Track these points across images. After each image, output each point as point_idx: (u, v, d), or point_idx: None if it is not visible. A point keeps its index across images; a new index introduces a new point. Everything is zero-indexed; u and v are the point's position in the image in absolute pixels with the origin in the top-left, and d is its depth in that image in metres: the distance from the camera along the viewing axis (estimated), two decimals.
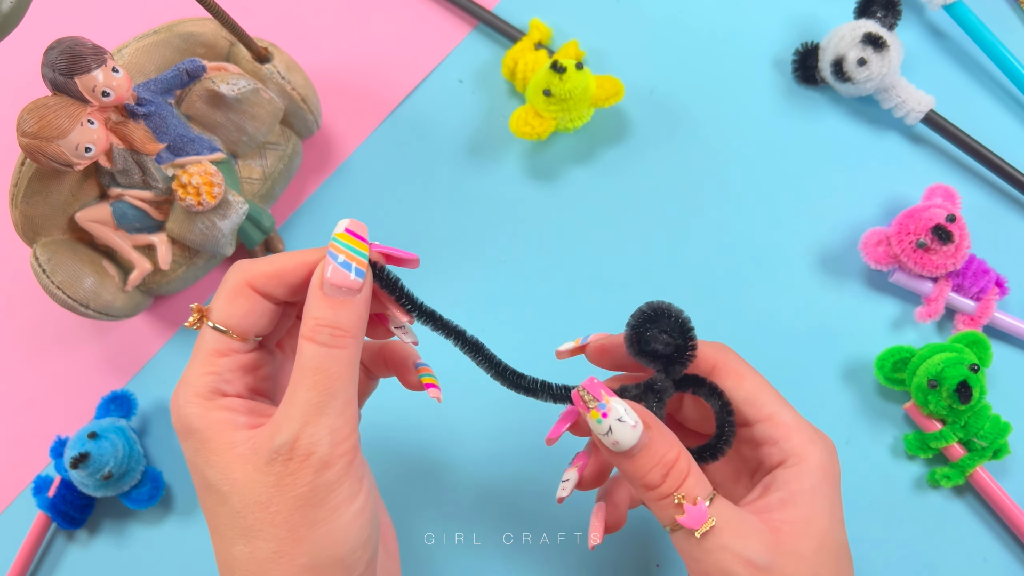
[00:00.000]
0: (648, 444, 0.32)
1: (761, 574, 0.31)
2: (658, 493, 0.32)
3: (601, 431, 0.32)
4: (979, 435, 0.46)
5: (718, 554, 0.32)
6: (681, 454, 0.33)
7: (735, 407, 0.35)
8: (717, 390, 0.35)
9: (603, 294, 0.51)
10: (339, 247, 0.32)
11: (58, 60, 0.40)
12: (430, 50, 0.55)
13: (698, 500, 0.32)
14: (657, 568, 0.47)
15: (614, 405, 0.32)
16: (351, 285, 0.32)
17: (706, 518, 0.32)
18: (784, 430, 0.34)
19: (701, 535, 0.32)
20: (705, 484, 0.33)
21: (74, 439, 0.47)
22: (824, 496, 0.33)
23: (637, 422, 0.32)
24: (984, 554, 0.46)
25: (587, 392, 0.33)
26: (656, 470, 0.32)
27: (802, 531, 0.32)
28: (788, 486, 0.33)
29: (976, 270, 0.48)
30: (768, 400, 0.35)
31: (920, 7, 0.54)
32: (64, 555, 0.49)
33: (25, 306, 0.52)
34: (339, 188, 0.53)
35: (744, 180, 0.52)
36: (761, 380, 0.35)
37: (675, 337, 0.35)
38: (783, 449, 0.34)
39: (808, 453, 0.34)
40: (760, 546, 0.32)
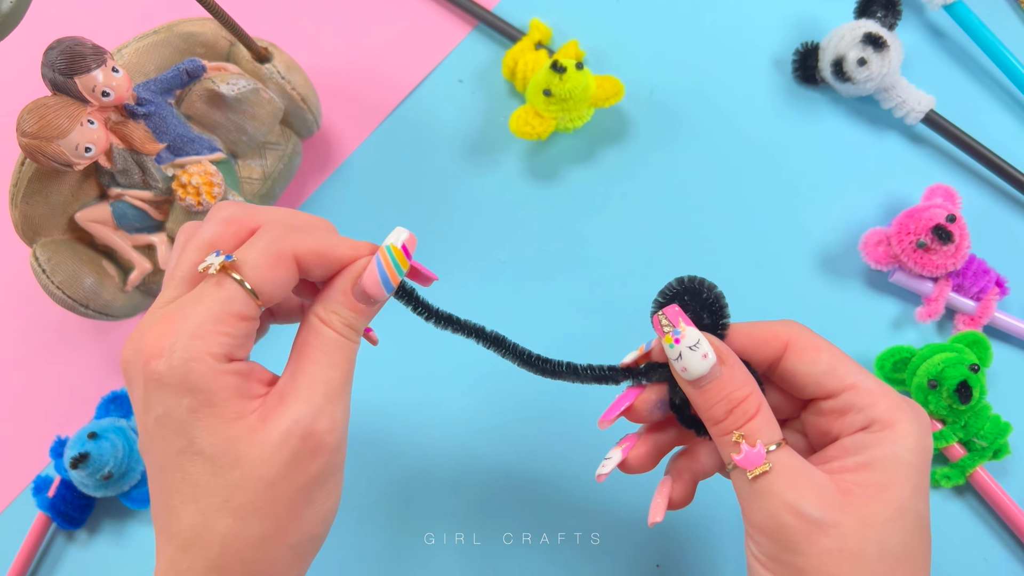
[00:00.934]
0: (719, 378, 0.32)
1: (814, 528, 0.30)
2: (720, 428, 0.32)
3: (672, 356, 0.33)
4: (979, 435, 0.46)
5: (769, 500, 0.31)
6: (752, 395, 0.32)
7: (815, 380, 0.33)
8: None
9: (603, 294, 0.51)
10: (388, 260, 0.32)
11: (58, 60, 0.40)
12: (430, 50, 0.55)
13: (758, 443, 0.31)
14: (657, 568, 0.47)
15: (689, 332, 0.32)
16: (381, 298, 0.33)
17: (761, 461, 0.31)
18: (870, 396, 0.32)
19: (753, 477, 0.31)
20: (773, 430, 0.32)
21: (74, 439, 0.47)
22: (908, 465, 0.31)
23: (709, 353, 0.32)
24: (984, 554, 0.46)
25: (665, 317, 0.33)
26: (721, 404, 0.32)
27: (875, 495, 0.31)
28: (868, 450, 0.31)
29: (976, 270, 0.48)
30: (850, 370, 0.33)
31: (920, 7, 0.54)
32: (64, 555, 0.49)
33: (25, 306, 0.52)
34: (339, 188, 0.53)
35: (744, 180, 0.52)
36: (839, 351, 0.34)
37: (705, 316, 0.34)
38: (868, 415, 0.32)
39: (896, 419, 0.32)
40: (818, 500, 0.30)
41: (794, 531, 0.30)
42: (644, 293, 0.50)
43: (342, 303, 0.32)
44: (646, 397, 0.35)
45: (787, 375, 0.34)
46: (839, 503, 0.30)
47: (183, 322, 0.30)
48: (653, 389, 0.35)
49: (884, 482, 0.31)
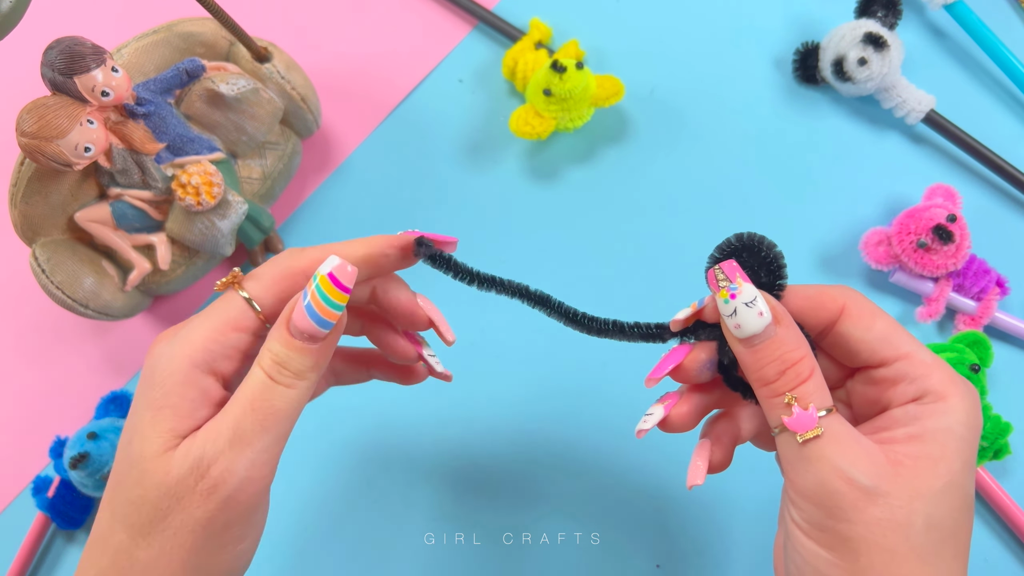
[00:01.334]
0: (772, 338, 0.31)
1: (863, 496, 0.29)
2: (771, 389, 0.31)
3: (726, 312, 0.31)
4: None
5: (818, 465, 0.30)
6: (806, 358, 0.31)
7: (869, 347, 0.33)
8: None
9: (603, 293, 0.51)
10: (314, 291, 0.30)
11: (57, 60, 0.40)
12: (430, 50, 0.55)
13: (810, 406, 0.30)
14: (657, 568, 0.47)
15: (746, 288, 0.31)
16: (314, 333, 0.30)
17: (814, 425, 0.30)
18: (924, 367, 0.31)
19: (804, 441, 0.30)
20: (825, 396, 0.31)
21: (73, 439, 0.47)
22: (960, 439, 0.30)
23: (765, 311, 0.31)
24: (984, 554, 0.46)
25: (722, 271, 0.32)
26: (773, 365, 0.31)
27: (926, 468, 0.30)
28: (920, 422, 0.31)
29: (977, 270, 0.48)
30: (905, 340, 0.32)
31: (920, 7, 0.54)
32: (63, 555, 0.49)
33: (25, 306, 0.52)
34: (339, 188, 0.53)
35: (744, 180, 0.52)
36: (894, 321, 0.33)
37: (762, 274, 0.33)
38: (921, 387, 0.31)
39: (949, 393, 0.31)
40: (869, 468, 0.29)
41: (843, 498, 0.30)
42: (644, 292, 0.51)
43: (277, 340, 0.30)
44: (695, 356, 0.34)
45: (840, 340, 0.33)
46: (889, 473, 0.30)
47: (186, 325, 0.31)
48: (703, 348, 0.34)
49: (935, 455, 0.30)
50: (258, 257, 0.51)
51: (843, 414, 0.35)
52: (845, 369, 0.35)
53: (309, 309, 0.30)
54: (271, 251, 0.52)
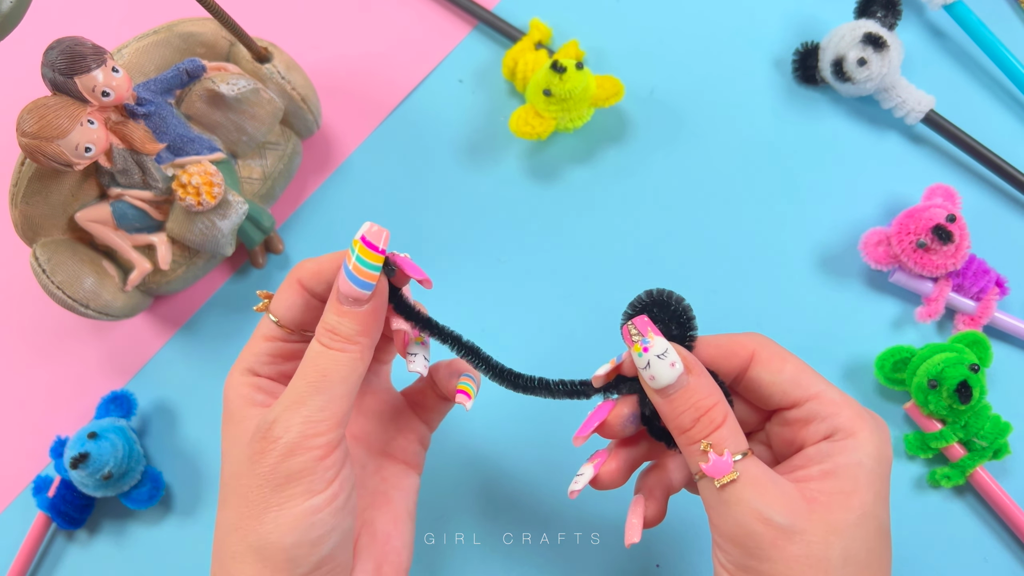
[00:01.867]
0: (685, 387, 0.33)
1: (781, 535, 0.31)
2: (688, 437, 0.33)
3: (641, 364, 0.33)
4: (979, 435, 0.46)
5: (736, 508, 0.31)
6: (718, 405, 0.33)
7: (780, 389, 0.34)
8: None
9: (603, 293, 0.51)
10: (351, 257, 0.33)
11: (58, 60, 0.40)
12: (430, 50, 0.55)
13: (725, 452, 0.32)
14: (657, 568, 0.47)
15: (657, 341, 0.33)
16: (358, 296, 0.33)
17: (729, 470, 0.31)
18: (833, 406, 0.33)
19: (721, 486, 0.31)
20: (739, 440, 0.32)
21: (74, 439, 0.47)
22: (871, 472, 0.32)
23: (676, 362, 0.33)
24: (984, 554, 0.46)
25: (635, 327, 0.33)
26: (688, 413, 0.33)
27: (840, 503, 0.31)
28: (832, 459, 0.32)
29: (976, 270, 0.48)
30: (813, 380, 0.34)
31: (920, 7, 0.54)
32: (64, 555, 0.49)
33: (25, 306, 0.52)
34: (339, 188, 0.53)
35: (744, 180, 0.52)
36: (802, 362, 0.35)
37: (672, 327, 0.35)
38: (831, 424, 0.33)
39: (858, 428, 0.33)
40: (784, 508, 0.31)
41: (761, 538, 0.31)
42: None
43: (328, 309, 0.34)
44: (619, 411, 0.35)
45: (753, 385, 0.35)
46: (805, 510, 0.31)
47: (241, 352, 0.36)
48: (625, 403, 0.36)
49: (848, 489, 0.32)
50: (258, 257, 0.51)
51: (764, 455, 0.37)
52: (763, 412, 0.37)
53: (348, 273, 0.33)
54: (271, 251, 0.52)
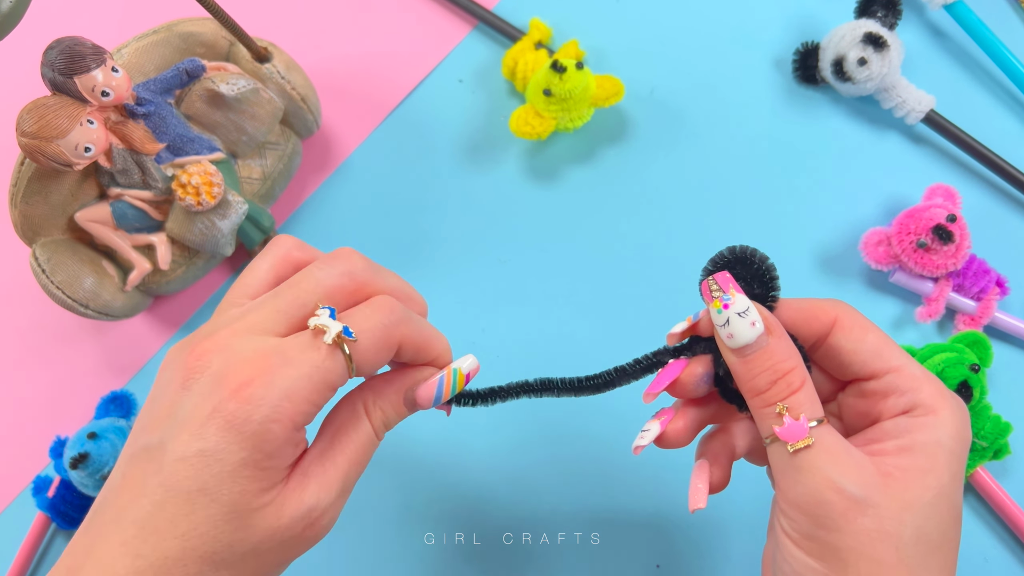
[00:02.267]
0: (764, 348, 0.32)
1: (853, 506, 0.30)
2: (763, 399, 0.32)
3: (719, 322, 0.32)
4: (979, 435, 0.46)
5: (809, 475, 0.30)
6: (797, 369, 0.32)
7: (860, 359, 0.33)
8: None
9: (604, 293, 0.51)
10: (450, 383, 0.34)
11: (58, 60, 0.40)
12: (430, 50, 0.55)
13: (801, 416, 0.31)
14: (657, 568, 0.47)
15: (739, 299, 0.32)
16: (423, 407, 0.34)
17: (805, 434, 0.30)
18: (914, 381, 0.32)
19: (795, 451, 0.31)
20: (816, 406, 0.32)
21: (74, 439, 0.47)
22: (950, 452, 0.31)
23: (757, 321, 0.32)
24: (984, 554, 0.46)
25: (715, 283, 0.32)
26: (765, 375, 0.32)
27: (916, 480, 0.30)
28: (910, 434, 0.31)
29: (977, 270, 0.48)
30: (896, 353, 0.33)
31: (920, 7, 0.54)
32: None
33: (25, 306, 0.52)
34: (339, 188, 0.53)
35: (744, 180, 0.52)
36: (885, 335, 0.34)
37: (755, 286, 0.33)
38: (911, 399, 0.32)
39: (939, 406, 0.32)
40: (859, 479, 0.30)
41: (833, 508, 0.30)
42: (644, 293, 0.51)
43: (392, 403, 0.33)
44: (692, 370, 0.34)
45: (833, 353, 0.34)
46: (879, 484, 0.30)
47: (279, 375, 0.29)
48: (699, 362, 0.34)
49: (925, 467, 0.31)
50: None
51: (834, 426, 0.35)
52: (837, 382, 0.35)
53: (438, 395, 0.34)
54: None
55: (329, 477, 0.31)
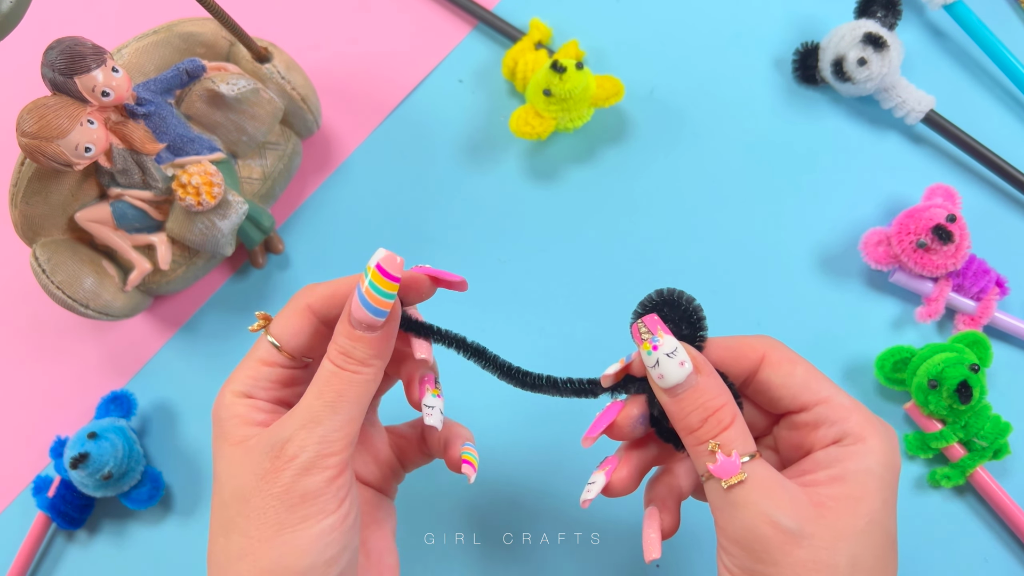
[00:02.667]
0: (694, 387, 0.32)
1: (789, 539, 0.30)
2: (695, 437, 0.32)
3: (650, 363, 0.33)
4: (979, 435, 0.46)
5: (744, 510, 0.31)
6: (727, 405, 0.32)
7: (790, 393, 0.34)
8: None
9: (603, 293, 0.51)
10: (366, 284, 0.33)
11: (58, 60, 0.40)
12: (430, 50, 0.55)
13: (733, 452, 0.31)
14: (657, 568, 0.47)
15: (667, 340, 0.33)
16: (371, 323, 0.33)
17: (737, 471, 0.31)
18: (843, 411, 0.33)
19: (728, 487, 0.31)
20: (747, 441, 0.32)
21: (74, 439, 0.47)
22: (879, 478, 0.32)
23: (685, 361, 0.32)
24: (984, 554, 0.46)
25: (644, 325, 0.33)
26: (696, 413, 0.32)
27: (848, 508, 0.31)
28: (840, 463, 0.32)
29: (976, 270, 0.48)
30: (823, 384, 0.34)
31: (920, 7, 0.54)
32: (64, 555, 0.49)
33: (25, 306, 0.52)
34: (339, 188, 0.53)
35: (744, 180, 0.52)
36: (812, 366, 0.35)
37: (683, 327, 0.34)
38: (840, 429, 0.33)
39: (867, 434, 0.32)
40: (793, 511, 0.31)
41: (769, 541, 0.31)
42: (644, 293, 0.50)
43: (340, 333, 0.33)
44: (628, 412, 0.35)
45: (762, 388, 0.35)
46: (813, 515, 0.31)
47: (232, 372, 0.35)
48: (634, 404, 0.35)
49: (856, 495, 0.31)
50: (258, 257, 0.51)
51: (771, 459, 0.36)
52: (771, 416, 0.36)
53: (363, 300, 0.32)
54: (271, 251, 0.52)
55: (291, 413, 0.33)
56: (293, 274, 0.52)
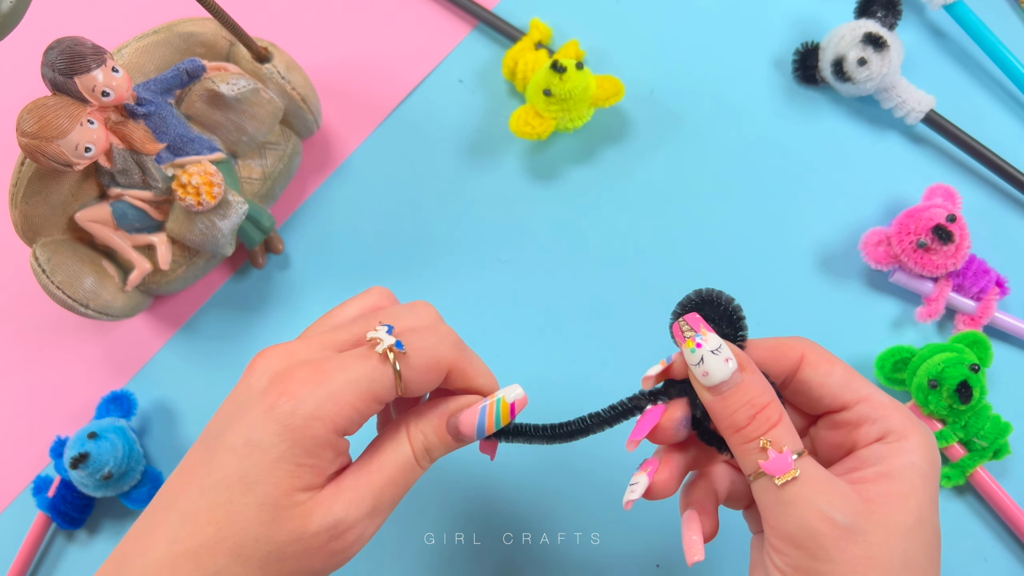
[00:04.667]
0: (740, 384, 0.32)
1: (843, 535, 0.30)
2: (743, 435, 0.32)
3: (693, 361, 0.32)
4: (979, 435, 0.46)
5: (798, 506, 0.31)
6: (773, 402, 0.32)
7: (831, 392, 0.34)
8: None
9: (604, 294, 0.51)
10: (492, 411, 0.33)
11: (58, 60, 0.40)
12: (430, 50, 0.55)
13: (784, 449, 0.31)
14: (657, 568, 0.47)
15: (710, 337, 0.33)
16: (468, 440, 0.34)
17: (790, 467, 0.31)
18: (884, 409, 0.33)
19: (782, 483, 0.31)
20: (795, 438, 0.32)
21: (74, 439, 0.47)
22: (925, 475, 0.32)
23: (730, 358, 0.32)
24: (984, 554, 0.46)
25: (687, 323, 0.33)
26: (744, 410, 0.32)
27: (897, 505, 0.31)
28: (887, 460, 0.32)
29: (976, 270, 0.48)
30: (863, 384, 0.34)
31: (920, 7, 0.54)
32: (64, 555, 0.49)
33: (25, 306, 0.52)
34: (339, 188, 0.53)
35: (744, 180, 0.52)
36: (850, 368, 0.35)
37: (723, 326, 0.34)
38: (883, 427, 0.33)
39: (910, 431, 0.32)
40: (845, 507, 0.30)
41: (825, 538, 0.30)
42: (644, 292, 0.51)
43: (434, 428, 0.33)
44: (671, 415, 0.34)
45: (802, 388, 0.34)
46: (864, 511, 0.31)
47: (328, 379, 0.31)
48: (676, 406, 0.35)
49: (905, 492, 0.31)
50: (258, 257, 0.51)
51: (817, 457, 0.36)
52: (808, 418, 0.36)
53: (480, 424, 0.33)
54: (271, 251, 0.52)
55: (361, 492, 0.32)
56: (293, 274, 0.52)
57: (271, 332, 0.51)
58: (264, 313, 0.52)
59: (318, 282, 0.52)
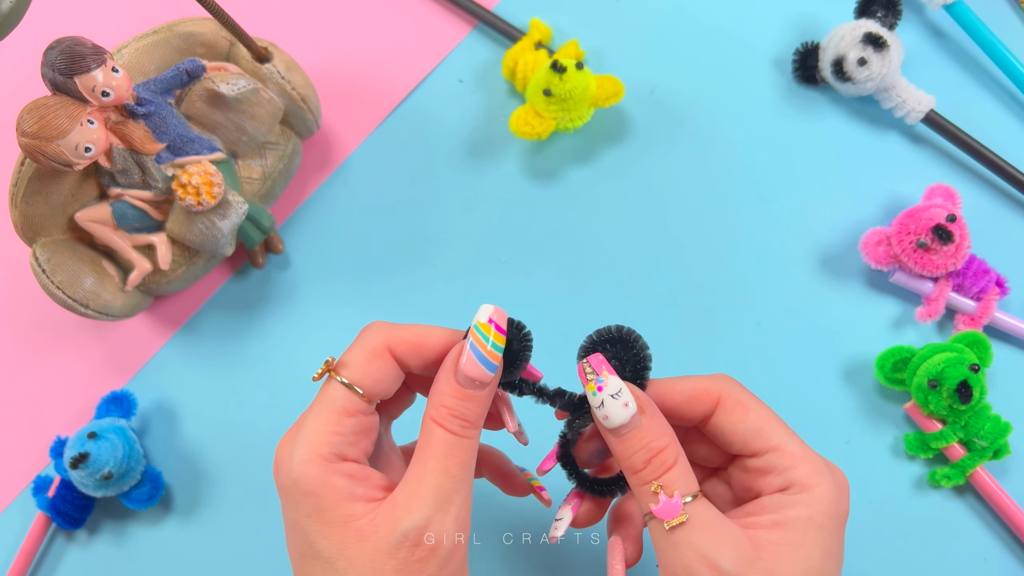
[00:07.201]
0: (638, 427, 0.33)
1: None
2: (639, 478, 0.33)
3: (595, 404, 0.33)
4: (979, 435, 0.46)
5: (684, 551, 0.31)
6: (670, 446, 0.33)
7: (741, 439, 0.34)
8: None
9: (604, 293, 0.51)
10: (480, 338, 0.32)
11: (58, 60, 0.40)
12: (430, 50, 0.55)
13: (676, 493, 0.32)
14: (657, 568, 0.47)
15: (611, 381, 0.33)
16: (484, 379, 0.33)
17: (679, 512, 0.32)
18: (791, 459, 0.33)
19: (670, 528, 0.32)
20: (690, 481, 0.32)
21: (74, 439, 0.47)
22: (820, 527, 0.32)
23: (630, 403, 0.33)
24: (984, 554, 0.46)
25: (590, 365, 0.33)
26: (640, 454, 0.33)
27: (786, 555, 0.31)
28: (783, 511, 0.32)
29: (976, 270, 0.48)
30: (776, 431, 0.34)
31: (920, 7, 0.54)
32: (64, 555, 0.49)
33: (25, 306, 0.52)
34: (339, 188, 0.53)
35: (744, 180, 0.52)
36: (768, 411, 0.35)
37: (627, 368, 0.34)
38: (787, 478, 0.33)
39: (813, 483, 0.33)
40: (731, 554, 0.31)
41: None
42: (644, 292, 0.51)
43: (448, 394, 0.33)
44: (586, 446, 0.36)
45: (715, 431, 0.35)
46: (751, 558, 0.31)
47: (300, 429, 0.32)
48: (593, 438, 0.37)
49: (795, 542, 0.32)
50: (258, 257, 0.51)
51: (725, 495, 0.37)
52: (728, 453, 0.37)
53: (479, 355, 0.32)
54: (271, 251, 0.52)
55: (417, 492, 0.31)
56: (293, 274, 0.52)
57: (271, 332, 0.51)
58: (264, 313, 0.52)
59: (318, 282, 0.52)
